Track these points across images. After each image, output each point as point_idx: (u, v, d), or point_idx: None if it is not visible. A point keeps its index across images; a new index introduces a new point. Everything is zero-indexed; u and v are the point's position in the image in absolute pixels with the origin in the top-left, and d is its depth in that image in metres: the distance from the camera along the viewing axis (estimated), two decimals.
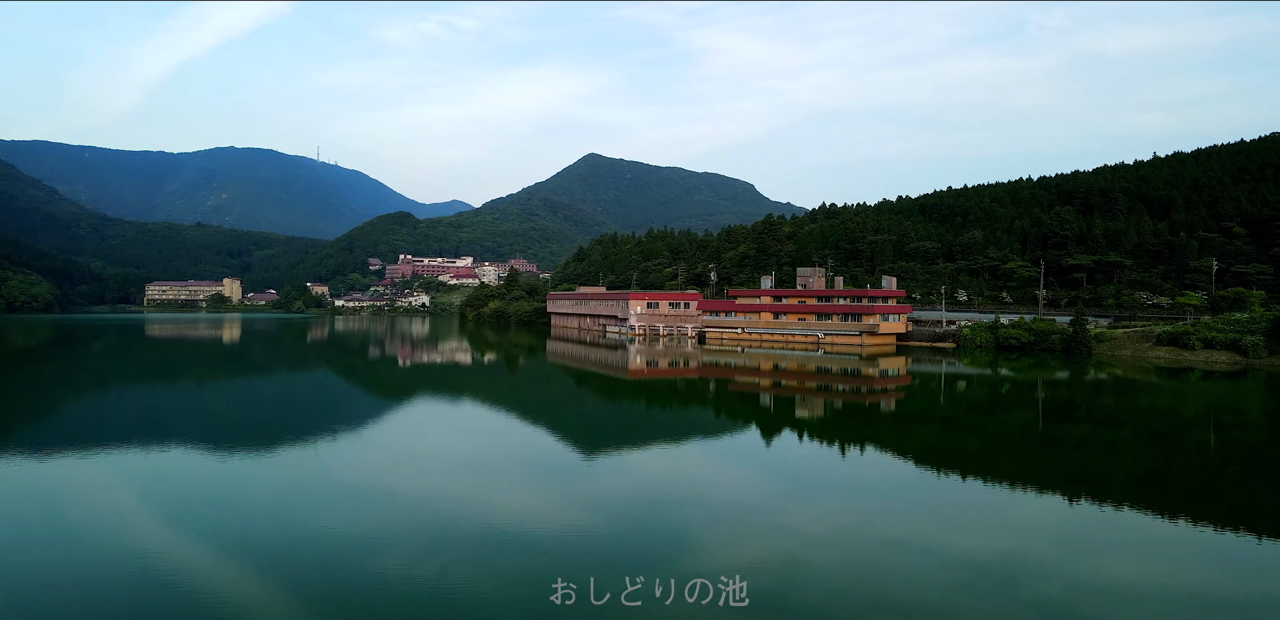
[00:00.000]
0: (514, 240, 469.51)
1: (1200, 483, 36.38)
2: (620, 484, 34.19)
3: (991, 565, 23.63)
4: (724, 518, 28.40)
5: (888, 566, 23.33)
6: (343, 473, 35.31)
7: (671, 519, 28.17)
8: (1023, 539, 26.68)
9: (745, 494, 32.78)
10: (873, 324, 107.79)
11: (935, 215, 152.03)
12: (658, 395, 69.54)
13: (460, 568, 22.37)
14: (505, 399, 68.24)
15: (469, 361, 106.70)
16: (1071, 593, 21.36)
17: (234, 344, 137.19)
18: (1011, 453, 43.34)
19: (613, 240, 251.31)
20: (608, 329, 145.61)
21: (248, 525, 26.12)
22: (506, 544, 24.36)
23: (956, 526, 27.88)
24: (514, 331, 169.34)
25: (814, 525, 27.91)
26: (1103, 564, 24.12)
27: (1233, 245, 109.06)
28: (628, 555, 23.76)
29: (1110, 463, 39.76)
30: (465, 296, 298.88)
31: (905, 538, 26.28)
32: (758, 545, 25.03)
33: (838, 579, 22.26)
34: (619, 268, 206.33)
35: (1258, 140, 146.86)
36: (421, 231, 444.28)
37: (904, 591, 21.18)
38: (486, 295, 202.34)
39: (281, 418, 54.56)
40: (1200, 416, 54.95)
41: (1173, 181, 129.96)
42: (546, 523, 27.14)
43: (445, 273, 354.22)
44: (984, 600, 20.90)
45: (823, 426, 52.48)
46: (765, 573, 22.32)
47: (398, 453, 40.97)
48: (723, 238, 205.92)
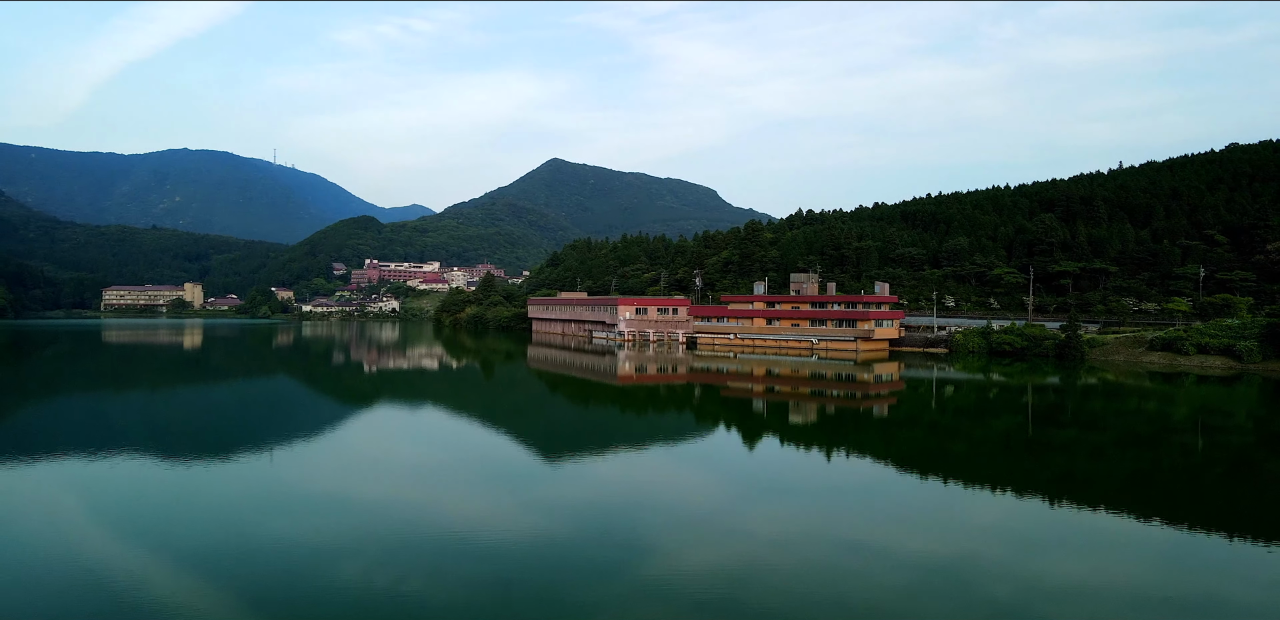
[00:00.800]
0: (479, 245, 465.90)
1: (1171, 484, 37.02)
2: (580, 490, 34.15)
3: (946, 566, 24.03)
4: (683, 522, 28.66)
5: (845, 569, 23.71)
6: (298, 481, 34.81)
7: (630, 524, 28.29)
8: (977, 540, 27.17)
9: (706, 498, 33.03)
10: (867, 330, 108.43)
11: (918, 222, 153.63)
12: (635, 400, 69.13)
13: (417, 576, 22.19)
14: (476, 405, 67.52)
15: (446, 367, 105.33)
16: (1022, 592, 22.02)
17: (196, 350, 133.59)
18: (993, 457, 43.83)
19: (587, 245, 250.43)
20: (594, 335, 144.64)
21: (198, 535, 25.64)
22: (464, 551, 24.32)
23: (914, 529, 28.31)
24: (492, 337, 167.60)
25: (772, 529, 28.11)
26: (1053, 564, 24.73)
27: (1214, 252, 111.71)
28: (586, 561, 23.87)
29: (1093, 466, 40.15)
30: (436, 302, 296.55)
31: (863, 540, 26.75)
32: (716, 549, 25.20)
33: (795, 582, 22.38)
34: (596, 273, 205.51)
35: (1227, 150, 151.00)
36: (386, 236, 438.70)
37: (860, 593, 21.59)
38: (463, 300, 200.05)
39: (237, 425, 53.05)
40: (1194, 420, 55.61)
41: (1151, 190, 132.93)
42: (505, 529, 27.16)
43: (413, 278, 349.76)
44: (938, 601, 21.19)
45: (801, 431, 52.59)
46: (723, 577, 22.56)
47: (356, 460, 40.47)
48: (700, 243, 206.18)
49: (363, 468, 38.36)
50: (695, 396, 71.36)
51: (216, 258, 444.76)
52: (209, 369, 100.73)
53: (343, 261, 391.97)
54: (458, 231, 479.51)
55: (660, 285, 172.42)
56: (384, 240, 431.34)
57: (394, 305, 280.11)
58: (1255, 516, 31.74)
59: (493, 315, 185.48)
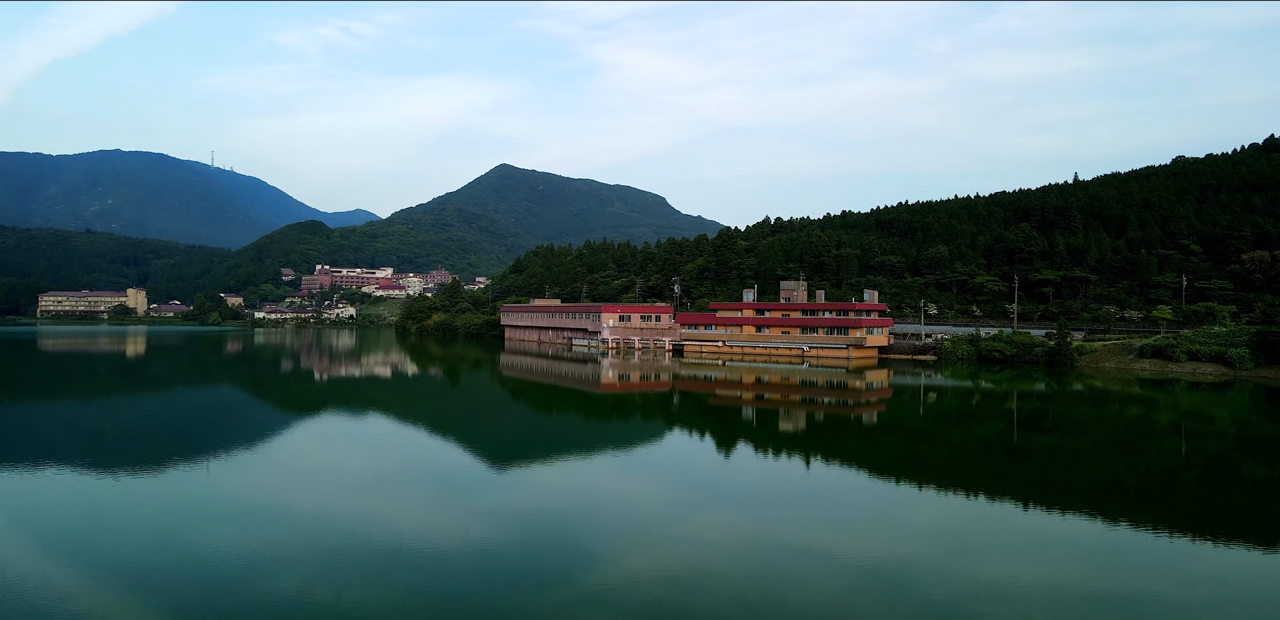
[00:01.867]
0: (431, 251, 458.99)
1: (1143, 487, 37.95)
2: (528, 497, 34.05)
3: (885, 569, 24.68)
4: (629, 529, 28.89)
5: (787, 573, 24.06)
6: (235, 491, 34.02)
7: (576, 531, 28.35)
8: (918, 543, 27.85)
9: (653, 505, 33.25)
10: (860, 337, 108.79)
11: (894, 230, 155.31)
12: (605, 408, 68.90)
13: (359, 587, 21.93)
14: (436, 413, 66.56)
15: (415, 376, 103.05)
16: (957, 593, 22.62)
17: (138, 358, 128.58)
18: (972, 462, 44.88)
19: (550, 251, 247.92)
20: (574, 342, 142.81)
21: (126, 548, 25.06)
22: (407, 561, 24.14)
23: (857, 532, 29.13)
24: (462, 345, 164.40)
25: (717, 534, 28.52)
26: (989, 564, 25.56)
27: (1190, 262, 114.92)
28: (529, 569, 23.86)
29: (1072, 470, 41.08)
30: (394, 308, 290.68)
31: (806, 545, 27.27)
32: (660, 556, 25.47)
33: (738, 587, 22.69)
34: (563, 280, 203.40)
35: (1193, 161, 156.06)
36: (335, 241, 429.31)
37: (802, 597, 21.99)
38: (428, 307, 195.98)
39: (175, 435, 51.45)
40: (1195, 426, 56.88)
41: (1122, 201, 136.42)
42: (449, 538, 27.07)
43: (368, 284, 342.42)
44: (875, 603, 21.84)
45: (768, 437, 53.15)
46: (667, 583, 22.77)
47: (297, 469, 39.77)
48: (668, 250, 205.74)
49: (304, 477, 37.59)
50: (674, 404, 70.73)
51: (156, 263, 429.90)
52: (150, 377, 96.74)
53: (291, 267, 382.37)
54: (408, 237, 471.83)
55: (635, 292, 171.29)
56: (333, 245, 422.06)
57: (351, 312, 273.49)
58: (1201, 516, 32.84)
59: (461, 322, 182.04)
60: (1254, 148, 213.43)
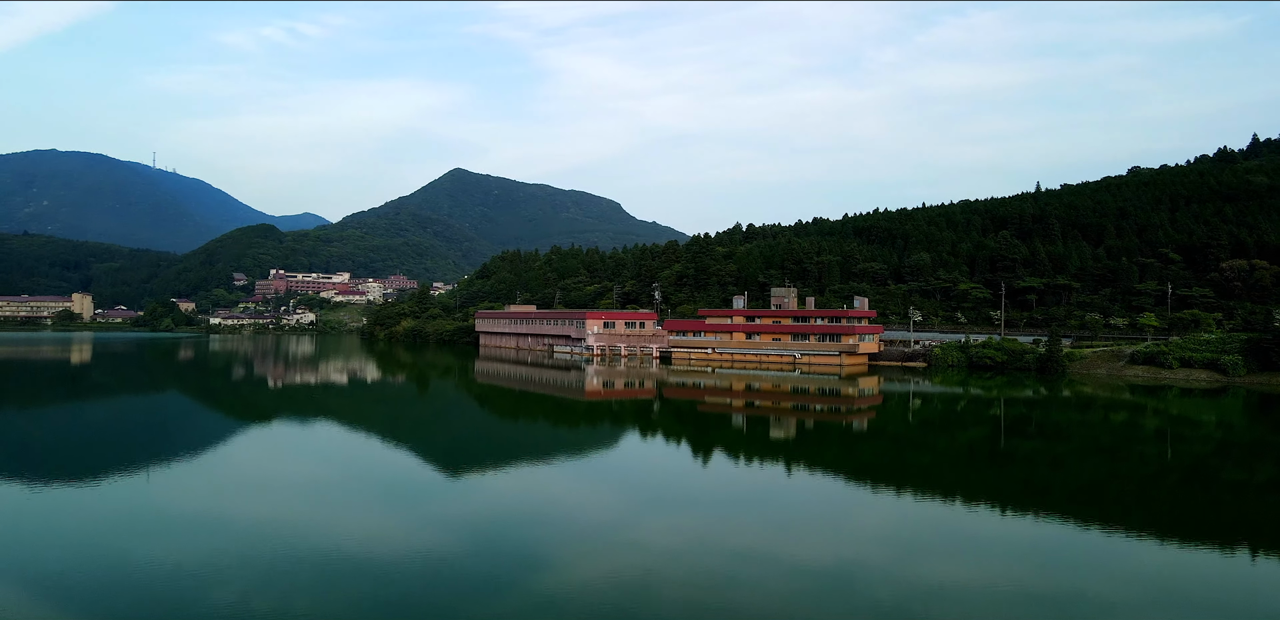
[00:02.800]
0: (387, 256, 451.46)
1: (1119, 491, 38.45)
2: (480, 504, 33.90)
3: (832, 571, 25.14)
4: (579, 535, 28.88)
5: (735, 578, 24.19)
6: (174, 501, 33.10)
7: (525, 538, 28.21)
8: (865, 546, 28.56)
9: (606, 511, 33.35)
10: (852, 344, 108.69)
11: (873, 237, 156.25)
12: (571, 414, 68.51)
13: (301, 598, 21.53)
14: (394, 421, 65.50)
15: (381, 383, 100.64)
16: (902, 594, 23.05)
17: (86, 365, 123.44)
18: (958, 469, 45.20)
19: (517, 257, 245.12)
20: (555, 349, 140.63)
21: (60, 561, 24.33)
22: (352, 571, 23.75)
23: (805, 536, 29.43)
24: (433, 352, 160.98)
25: (668, 540, 28.61)
26: (934, 566, 25.89)
27: (1169, 270, 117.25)
28: (478, 577, 23.68)
29: (1052, 475, 41.81)
30: (355, 314, 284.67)
31: (755, 549, 27.46)
32: (610, 562, 25.51)
33: (687, 592, 22.85)
34: (533, 286, 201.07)
35: (1149, 171, 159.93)
36: (288, 245, 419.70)
37: (749, 601, 22.14)
38: (398, 313, 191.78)
39: (113, 444, 49.86)
40: (1184, 431, 57.91)
41: (1098, 210, 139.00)
42: (397, 547, 26.70)
43: (325, 289, 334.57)
44: (824, 606, 22.11)
45: (745, 444, 53.07)
46: (618, 589, 22.84)
47: (241, 478, 39.03)
48: (641, 256, 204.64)
49: (248, 486, 36.75)
50: (654, 411, 70.14)
51: (99, 267, 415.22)
52: (94, 385, 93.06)
53: (243, 271, 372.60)
54: (363, 241, 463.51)
55: (613, 299, 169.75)
56: (286, 250, 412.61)
57: (311, 318, 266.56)
58: (1158, 518, 33.52)
59: (433, 328, 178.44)
60: (1204, 159, 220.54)
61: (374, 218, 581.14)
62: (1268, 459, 48.98)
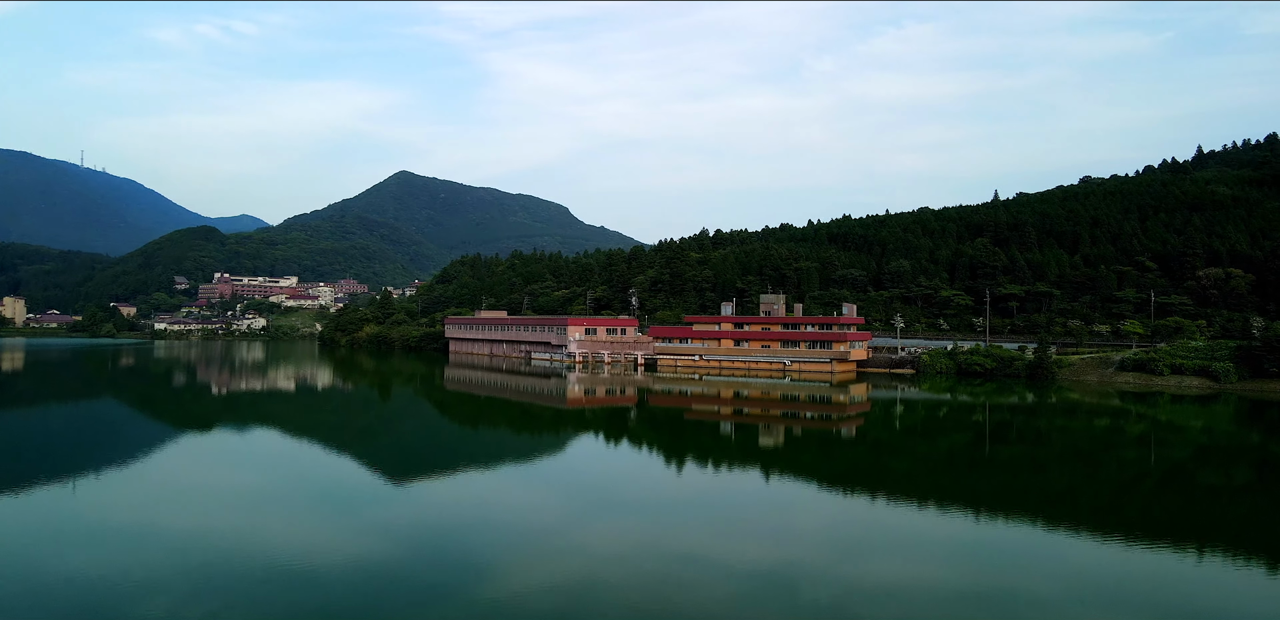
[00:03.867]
0: (334, 259, 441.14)
1: (1072, 493, 39.54)
2: (421, 511, 33.64)
3: (773, 573, 25.50)
4: (522, 541, 28.81)
5: (678, 580, 24.47)
6: (102, 512, 32.25)
7: (468, 545, 28.14)
8: (806, 547, 29.15)
9: (547, 517, 33.35)
10: (844, 351, 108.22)
11: (848, 244, 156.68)
12: (537, 422, 68.57)
13: (235, 609, 21.12)
14: (342, 429, 64.59)
15: (344, 390, 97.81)
16: (842, 594, 23.68)
17: (16, 372, 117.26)
18: (941, 474, 44.90)
19: (478, 261, 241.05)
20: (533, 356, 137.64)
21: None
22: (289, 581, 23.36)
23: (747, 538, 29.99)
24: (399, 358, 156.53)
25: (611, 544, 28.81)
26: (874, 566, 26.73)
27: (1146, 278, 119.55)
28: (418, 584, 23.52)
29: (1030, 480, 42.97)
30: (307, 319, 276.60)
31: (697, 552, 27.84)
32: (553, 567, 25.61)
33: (630, 595, 22.96)
34: (498, 291, 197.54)
35: (1113, 180, 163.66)
36: (231, 248, 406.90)
37: (692, 603, 22.43)
38: (360, 318, 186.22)
39: (40, 453, 48.02)
40: (1179, 437, 59.11)
41: (1071, 218, 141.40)
42: (335, 555, 26.28)
43: (274, 293, 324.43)
44: (765, 607, 22.35)
45: (712, 450, 53.70)
46: (558, 593, 22.91)
47: (174, 487, 38.03)
48: (604, 261, 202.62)
49: (181, 496, 35.80)
50: (631, 418, 69.66)
51: (27, 269, 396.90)
52: (22, 393, 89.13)
53: (184, 275, 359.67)
54: (308, 244, 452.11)
55: (584, 304, 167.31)
56: (228, 252, 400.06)
57: (262, 323, 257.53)
58: (1109, 519, 34.26)
59: (398, 335, 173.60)
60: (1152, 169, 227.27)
61: (317, 220, 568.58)
62: (1246, 463, 50.41)
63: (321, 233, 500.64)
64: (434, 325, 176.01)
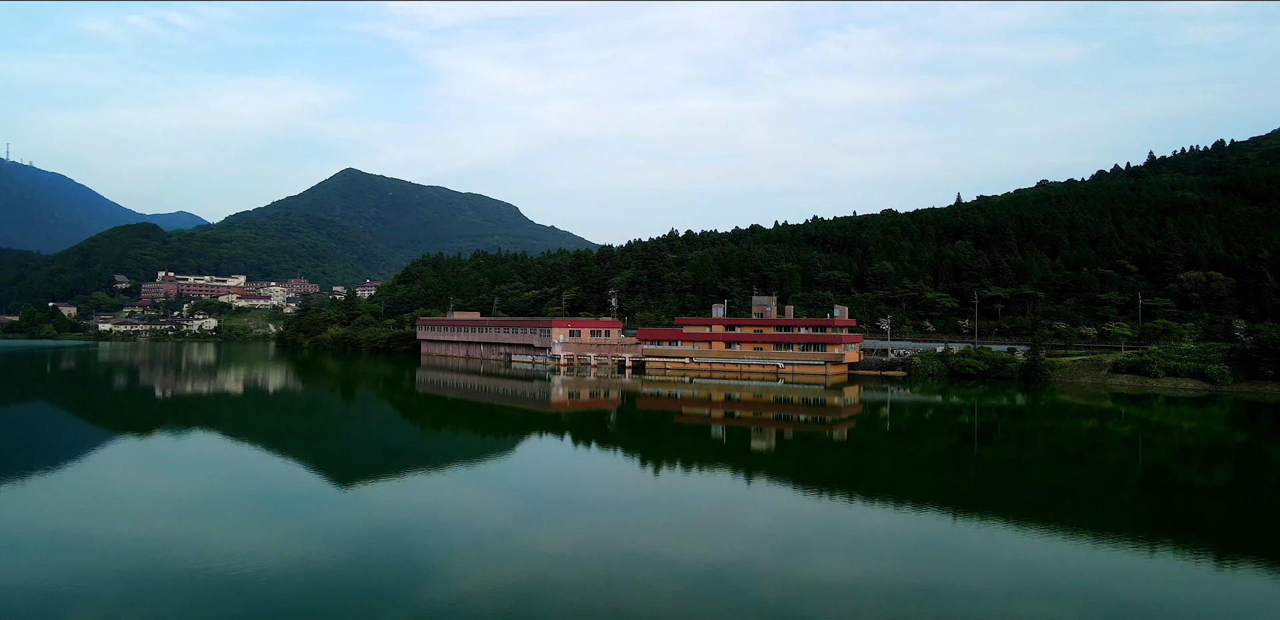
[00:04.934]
0: (281, 258, 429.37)
1: (1044, 493, 40.52)
2: (365, 515, 33.19)
3: (720, 571, 25.84)
4: (468, 543, 28.63)
5: (627, 580, 24.68)
6: (31, 518, 31.40)
7: (413, 547, 27.84)
8: (752, 545, 29.52)
9: (496, 518, 33.22)
10: (838, 353, 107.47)
11: (827, 245, 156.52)
12: (499, 424, 68.31)
13: (169, 618, 20.69)
14: (291, 432, 63.65)
15: (317, 396, 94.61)
16: (788, 591, 24.01)
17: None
18: (928, 475, 45.43)
19: (441, 261, 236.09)
20: (514, 358, 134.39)
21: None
22: (225, 586, 22.94)
23: (694, 537, 30.38)
24: (366, 361, 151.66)
25: (558, 545, 28.82)
26: (818, 563, 27.37)
27: (1128, 280, 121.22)
28: (360, 588, 23.17)
29: (1008, 480, 43.97)
30: (260, 319, 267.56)
31: (644, 551, 28.10)
32: (499, 569, 25.52)
33: (578, 596, 23.00)
34: (464, 291, 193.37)
35: (1084, 184, 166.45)
36: (173, 246, 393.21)
37: (641, 602, 22.59)
38: (324, 319, 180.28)
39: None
40: (1175, 438, 59.80)
41: (1049, 221, 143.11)
42: (273, 560, 25.84)
43: (222, 293, 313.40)
44: (712, 605, 22.67)
45: (641, 448, 54.37)
46: (504, 595, 22.81)
47: (108, 493, 37.10)
48: (573, 261, 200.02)
49: (114, 501, 34.96)
50: (610, 421, 69.07)
51: None
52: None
53: (125, 273, 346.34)
54: (254, 243, 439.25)
55: (559, 305, 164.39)
56: (171, 250, 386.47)
57: (213, 323, 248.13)
58: (1068, 516, 35.00)
59: (365, 336, 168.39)
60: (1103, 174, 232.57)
61: (262, 218, 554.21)
62: (1232, 462, 51.59)
63: (267, 231, 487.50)
64: (402, 326, 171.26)
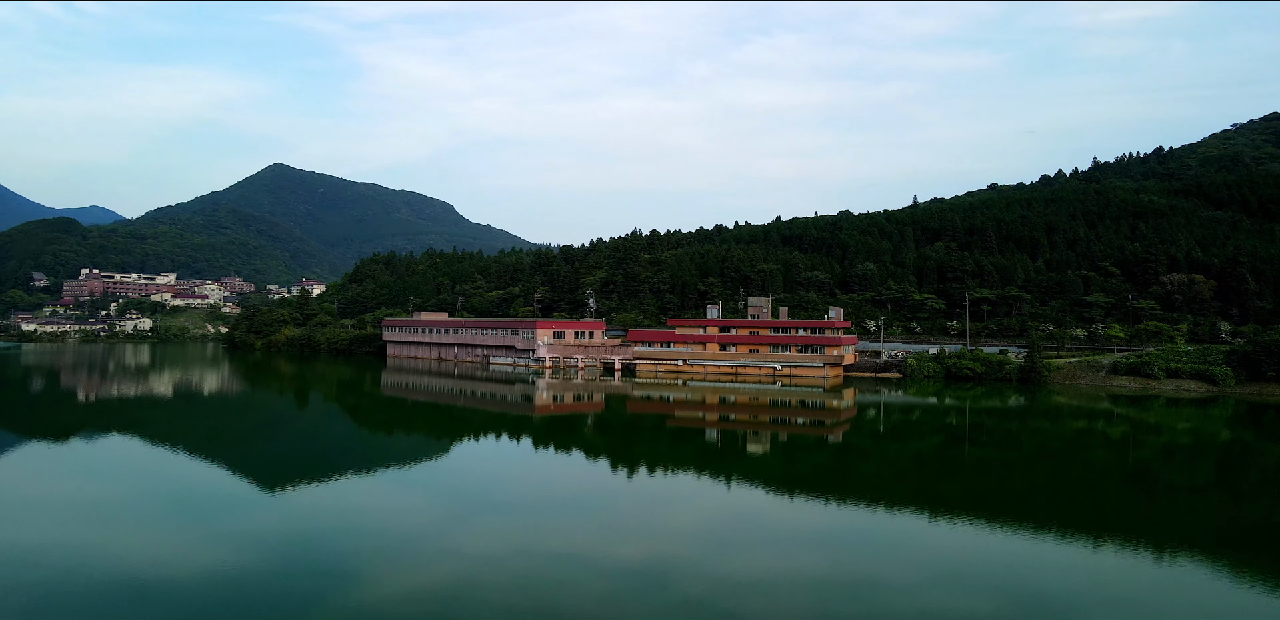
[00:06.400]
0: (210, 255, 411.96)
1: (1012, 492, 41.72)
2: (290, 518, 32.59)
3: (646, 569, 26.19)
4: (395, 545, 28.39)
5: (554, 580, 24.73)
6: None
7: (335, 551, 27.39)
8: (678, 543, 29.99)
9: (421, 520, 32.88)
10: (837, 356, 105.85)
11: (805, 246, 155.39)
12: (426, 424, 67.46)
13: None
14: (222, 436, 61.73)
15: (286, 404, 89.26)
16: (714, 588, 24.37)
17: None
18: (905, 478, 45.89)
19: (393, 259, 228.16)
20: (493, 361, 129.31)
21: None
22: (136, 597, 22.28)
23: (621, 536, 30.74)
24: (326, 363, 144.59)
25: (485, 546, 28.71)
26: (744, 560, 27.71)
27: (1110, 283, 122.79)
28: (278, 594, 22.78)
29: (987, 480, 44.97)
30: (197, 319, 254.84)
31: (572, 551, 28.17)
32: (424, 570, 25.35)
33: (505, 596, 23.00)
34: (423, 291, 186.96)
35: (1053, 188, 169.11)
36: (95, 242, 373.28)
37: (568, 602, 22.68)
38: (277, 320, 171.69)
39: None
40: (1173, 439, 60.87)
41: (1026, 223, 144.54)
42: (189, 566, 25.25)
43: (154, 291, 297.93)
44: (638, 602, 22.97)
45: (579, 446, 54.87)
46: (431, 597, 22.69)
47: (9, 502, 35.76)
48: (535, 260, 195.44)
49: (16, 509, 33.77)
50: (587, 424, 68.38)
51: None
52: None
53: (43, 271, 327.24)
54: (181, 239, 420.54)
55: (531, 305, 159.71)
56: (92, 247, 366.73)
57: (148, 324, 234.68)
58: (1011, 513, 36.29)
59: (324, 337, 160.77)
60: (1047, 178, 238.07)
61: (186, 214, 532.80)
62: (1227, 462, 52.90)
63: (193, 227, 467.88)
64: (364, 327, 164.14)
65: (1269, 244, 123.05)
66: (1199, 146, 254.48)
